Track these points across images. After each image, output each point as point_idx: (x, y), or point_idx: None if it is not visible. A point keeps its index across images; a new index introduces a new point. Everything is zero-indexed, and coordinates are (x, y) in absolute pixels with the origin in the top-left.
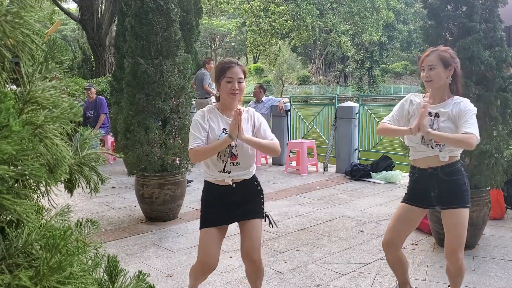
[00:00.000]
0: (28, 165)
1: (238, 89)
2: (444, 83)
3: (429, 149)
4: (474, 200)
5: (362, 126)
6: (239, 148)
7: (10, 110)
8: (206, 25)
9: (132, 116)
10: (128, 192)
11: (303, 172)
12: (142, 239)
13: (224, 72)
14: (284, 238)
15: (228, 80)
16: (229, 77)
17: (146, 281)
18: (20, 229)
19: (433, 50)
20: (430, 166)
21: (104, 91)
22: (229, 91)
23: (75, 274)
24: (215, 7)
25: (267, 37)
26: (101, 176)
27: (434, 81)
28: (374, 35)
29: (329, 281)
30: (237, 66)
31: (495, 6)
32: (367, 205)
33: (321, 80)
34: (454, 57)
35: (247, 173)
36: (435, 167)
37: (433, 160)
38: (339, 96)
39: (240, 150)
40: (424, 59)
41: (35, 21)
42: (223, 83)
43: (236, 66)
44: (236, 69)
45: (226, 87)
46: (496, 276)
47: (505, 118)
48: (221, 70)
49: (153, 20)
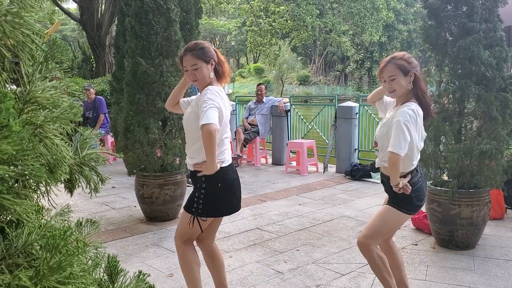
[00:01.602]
0: (28, 165)
1: (196, 75)
2: (406, 90)
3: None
4: (474, 200)
5: (362, 126)
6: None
7: (10, 110)
8: (206, 25)
9: (132, 116)
10: (128, 192)
11: (303, 172)
12: (142, 239)
13: (182, 62)
14: (284, 238)
15: (185, 69)
16: (184, 66)
17: (146, 281)
18: (20, 229)
19: (389, 60)
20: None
21: (104, 91)
22: (189, 78)
23: (75, 274)
24: (215, 7)
25: (267, 37)
26: (101, 176)
27: (397, 90)
28: (374, 35)
29: (329, 281)
30: (189, 53)
31: (495, 6)
32: (367, 205)
33: (321, 80)
34: (411, 61)
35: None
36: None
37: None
38: (339, 96)
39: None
40: (383, 70)
41: (35, 21)
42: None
43: (188, 54)
44: (188, 57)
45: (187, 75)
46: (496, 276)
47: (505, 118)
48: (180, 60)
49: (153, 20)
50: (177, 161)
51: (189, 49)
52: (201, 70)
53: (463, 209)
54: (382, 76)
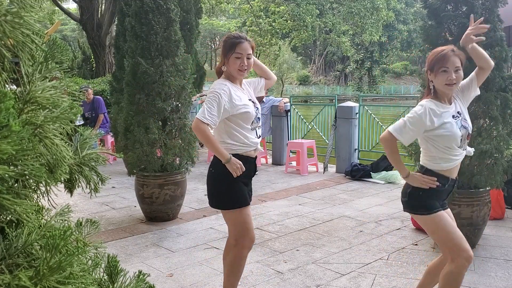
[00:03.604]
0: (28, 165)
1: (247, 65)
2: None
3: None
4: (474, 200)
5: (362, 126)
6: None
7: (10, 110)
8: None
9: (132, 116)
10: (128, 192)
11: (303, 172)
12: (142, 239)
13: (233, 47)
14: (284, 238)
15: (238, 56)
16: (239, 52)
17: (146, 281)
18: (20, 229)
19: (454, 50)
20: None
21: (104, 91)
22: (238, 67)
23: (75, 274)
24: (215, 7)
25: (267, 37)
26: (101, 176)
27: (458, 83)
28: (374, 35)
29: (329, 281)
30: (246, 41)
31: (495, 6)
32: (367, 205)
33: (321, 80)
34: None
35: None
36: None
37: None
38: (339, 96)
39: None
40: (448, 59)
41: (35, 21)
42: (232, 58)
43: (246, 42)
44: (246, 44)
45: (235, 63)
46: (496, 276)
47: (505, 118)
48: (231, 45)
49: (153, 20)
50: (177, 161)
51: (244, 37)
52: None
53: (463, 209)
54: (446, 66)
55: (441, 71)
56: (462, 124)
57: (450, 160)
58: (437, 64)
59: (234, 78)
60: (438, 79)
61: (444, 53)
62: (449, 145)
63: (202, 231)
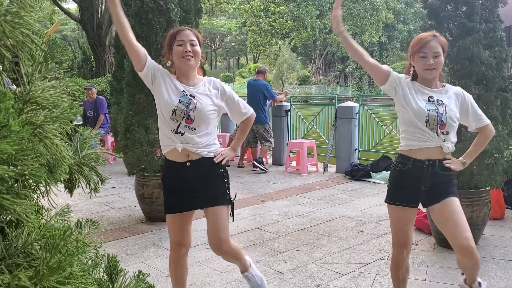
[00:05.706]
0: (28, 165)
1: (192, 51)
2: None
3: (433, 137)
4: (474, 200)
5: (362, 126)
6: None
7: (10, 110)
8: (206, 25)
9: (132, 116)
10: (128, 192)
11: (303, 172)
12: (142, 239)
13: (174, 37)
14: (284, 238)
15: (179, 43)
16: (180, 40)
17: (146, 281)
18: (20, 229)
19: (433, 35)
20: (429, 159)
21: (104, 91)
22: (181, 53)
23: (74, 274)
24: (215, 7)
25: (267, 37)
26: (101, 176)
27: (437, 69)
28: (373, 36)
29: (329, 281)
30: (188, 30)
31: (495, 6)
32: (367, 205)
33: (321, 80)
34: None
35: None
36: (434, 160)
37: (435, 152)
38: (339, 96)
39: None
40: (426, 45)
41: (35, 21)
42: (175, 47)
43: (187, 30)
44: (187, 32)
45: (178, 51)
46: (496, 276)
47: (505, 118)
48: (171, 36)
49: (153, 20)
50: None
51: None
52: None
53: (463, 209)
54: (423, 51)
55: (420, 56)
56: (436, 108)
57: (415, 139)
58: (416, 50)
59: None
60: (418, 64)
61: (423, 39)
62: (412, 120)
63: (202, 231)
